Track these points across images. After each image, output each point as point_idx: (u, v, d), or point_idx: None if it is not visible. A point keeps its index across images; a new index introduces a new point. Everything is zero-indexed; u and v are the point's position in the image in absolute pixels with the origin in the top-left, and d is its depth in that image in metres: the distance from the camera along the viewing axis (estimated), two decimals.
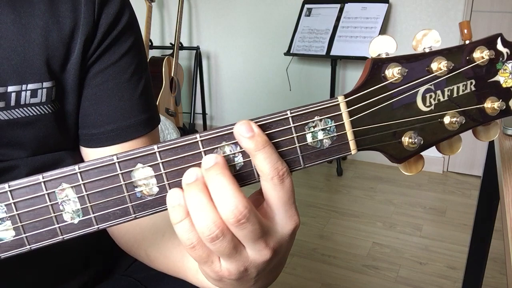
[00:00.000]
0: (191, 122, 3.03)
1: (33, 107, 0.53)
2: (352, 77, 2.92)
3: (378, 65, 0.40)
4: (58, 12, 0.54)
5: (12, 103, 0.52)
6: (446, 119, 0.42)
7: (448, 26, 2.61)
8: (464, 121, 0.42)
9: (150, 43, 2.97)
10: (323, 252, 2.00)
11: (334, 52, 2.62)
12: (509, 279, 0.54)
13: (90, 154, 0.61)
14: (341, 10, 2.70)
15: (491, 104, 0.43)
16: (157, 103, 2.63)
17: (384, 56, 0.40)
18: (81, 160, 0.63)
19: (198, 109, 3.21)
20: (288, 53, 2.77)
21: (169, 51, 2.99)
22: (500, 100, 0.43)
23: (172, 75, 2.90)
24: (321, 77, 2.95)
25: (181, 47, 2.99)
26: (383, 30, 2.64)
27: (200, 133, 0.36)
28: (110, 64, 0.58)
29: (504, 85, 0.43)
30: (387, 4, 2.58)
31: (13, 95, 0.52)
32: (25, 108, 0.53)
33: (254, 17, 3.08)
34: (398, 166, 0.43)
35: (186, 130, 2.99)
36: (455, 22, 2.59)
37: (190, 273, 0.49)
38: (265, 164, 0.36)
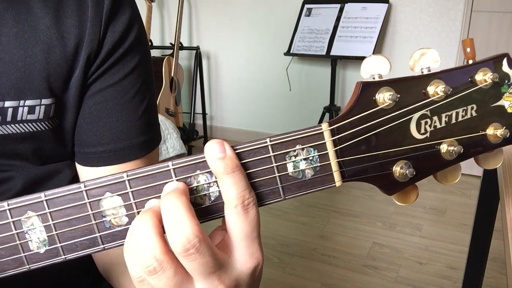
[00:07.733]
0: (191, 122, 3.03)
1: (29, 123, 0.52)
2: (352, 77, 2.92)
3: (368, 89, 0.36)
4: (63, 27, 0.52)
5: (9, 118, 0.50)
6: (443, 148, 0.38)
7: (448, 26, 2.61)
8: (462, 150, 0.38)
9: (150, 43, 2.97)
10: (323, 252, 2.00)
11: (334, 52, 2.63)
12: (509, 279, 0.55)
13: (84, 172, 0.58)
14: (341, 10, 2.70)
15: (494, 131, 0.39)
16: (157, 104, 2.62)
17: (376, 78, 0.37)
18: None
19: (198, 109, 3.21)
20: (288, 53, 2.77)
21: (169, 51, 3.00)
22: (504, 127, 0.39)
23: (172, 75, 2.90)
24: (321, 77, 2.96)
25: (181, 47, 2.99)
26: (383, 30, 2.64)
27: (173, 161, 0.34)
28: (112, 83, 0.55)
29: (509, 110, 0.39)
30: (387, 4, 2.58)
31: (10, 110, 0.50)
32: (21, 124, 0.51)
33: (254, 17, 3.08)
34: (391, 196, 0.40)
35: (186, 130, 3.00)
36: (455, 22, 2.59)
37: None
38: (231, 190, 0.33)
